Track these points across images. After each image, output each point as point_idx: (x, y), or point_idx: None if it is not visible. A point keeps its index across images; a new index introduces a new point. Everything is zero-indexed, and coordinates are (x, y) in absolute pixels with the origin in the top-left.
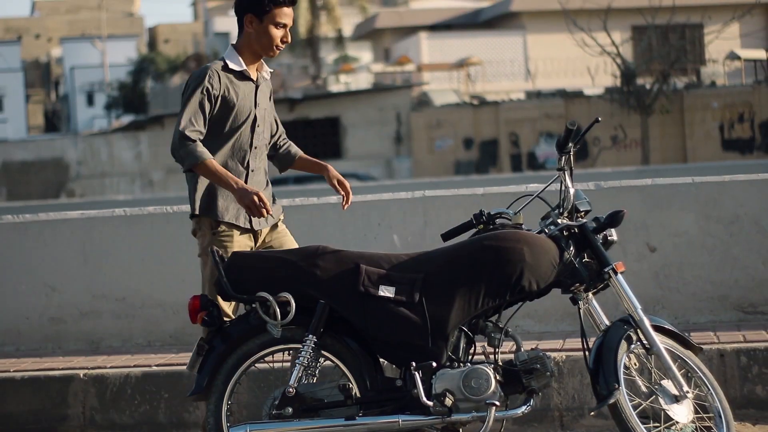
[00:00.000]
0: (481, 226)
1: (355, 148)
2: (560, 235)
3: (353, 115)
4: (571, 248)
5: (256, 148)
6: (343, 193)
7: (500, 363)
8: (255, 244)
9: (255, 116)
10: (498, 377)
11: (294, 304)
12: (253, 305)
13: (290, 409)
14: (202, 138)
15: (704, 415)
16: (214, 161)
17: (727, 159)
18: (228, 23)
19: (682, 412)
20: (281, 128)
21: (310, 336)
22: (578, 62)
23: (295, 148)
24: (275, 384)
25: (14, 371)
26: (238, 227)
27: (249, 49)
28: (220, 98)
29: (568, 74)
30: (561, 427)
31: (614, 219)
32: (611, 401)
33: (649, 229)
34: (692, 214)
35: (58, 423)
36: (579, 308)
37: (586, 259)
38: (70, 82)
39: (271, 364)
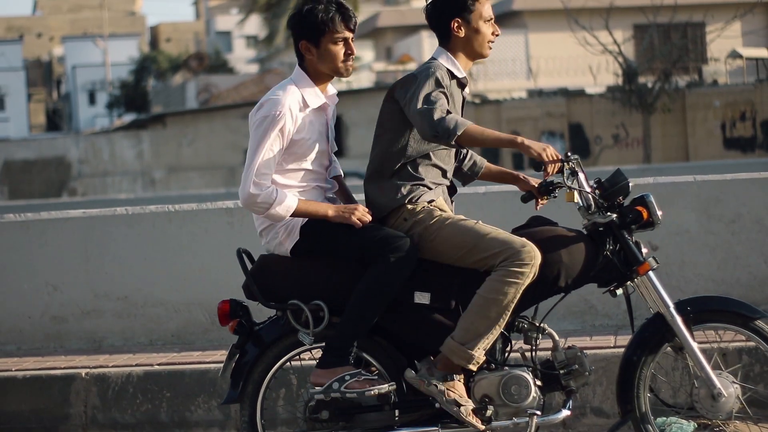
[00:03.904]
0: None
1: (357, 147)
2: (595, 230)
3: (355, 114)
4: (608, 244)
5: None
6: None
7: (538, 365)
8: None
9: None
10: (537, 382)
11: (327, 313)
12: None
13: (326, 413)
14: None
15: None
16: None
17: (728, 157)
18: (229, 22)
19: (721, 408)
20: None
21: None
22: (580, 61)
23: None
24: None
25: (16, 370)
26: None
27: None
28: None
29: (569, 73)
30: (563, 425)
31: (618, 186)
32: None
33: None
34: (694, 213)
35: (60, 422)
36: (626, 294)
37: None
38: (71, 81)
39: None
